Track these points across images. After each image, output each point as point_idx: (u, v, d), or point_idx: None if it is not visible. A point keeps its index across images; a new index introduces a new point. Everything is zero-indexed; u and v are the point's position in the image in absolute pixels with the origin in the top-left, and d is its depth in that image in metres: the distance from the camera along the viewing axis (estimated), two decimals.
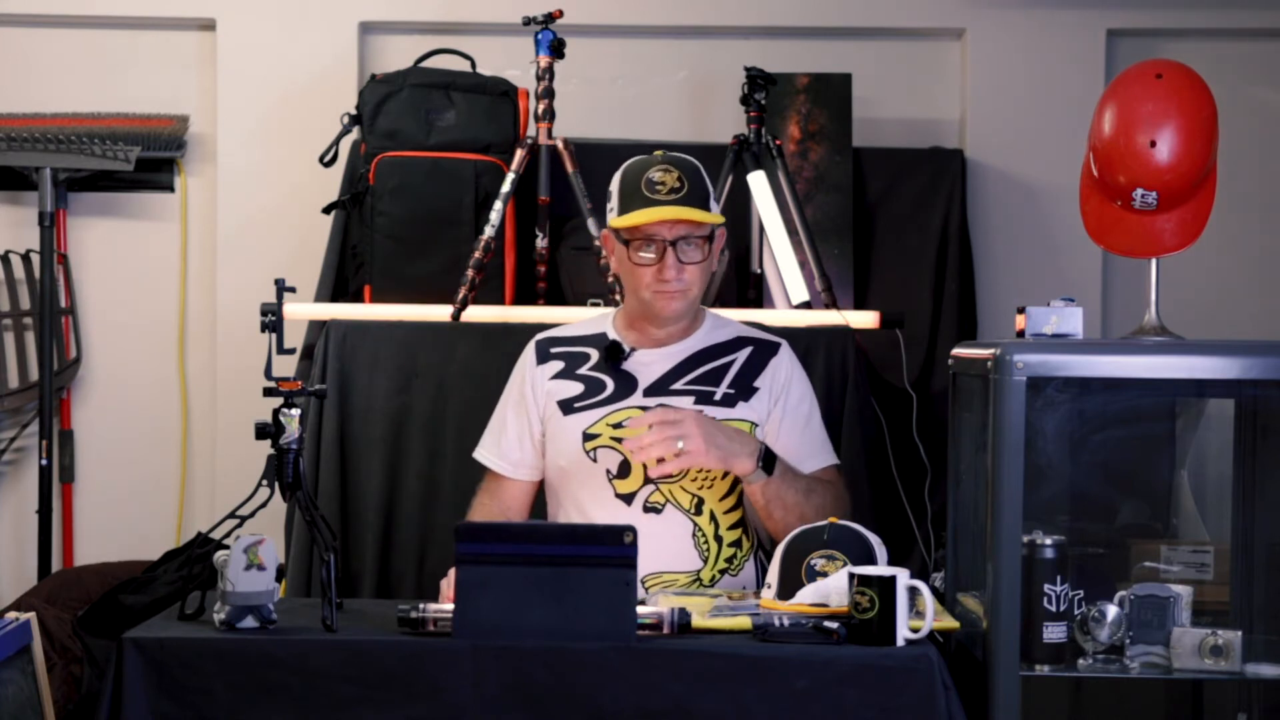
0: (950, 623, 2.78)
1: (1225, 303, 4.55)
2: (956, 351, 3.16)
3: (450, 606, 2.66)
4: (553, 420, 3.17)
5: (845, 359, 3.88)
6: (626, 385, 3.16)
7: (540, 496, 3.28)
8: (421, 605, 2.70)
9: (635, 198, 3.09)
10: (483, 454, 3.26)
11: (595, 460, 3.11)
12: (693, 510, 3.10)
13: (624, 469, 3.10)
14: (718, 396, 3.15)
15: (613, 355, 3.17)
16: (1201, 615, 2.88)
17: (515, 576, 2.61)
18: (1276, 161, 4.62)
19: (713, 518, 3.11)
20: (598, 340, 3.22)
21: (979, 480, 2.95)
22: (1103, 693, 3.20)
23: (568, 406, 3.16)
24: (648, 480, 3.09)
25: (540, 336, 3.28)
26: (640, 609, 2.65)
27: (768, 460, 3.03)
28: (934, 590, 2.81)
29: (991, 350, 2.84)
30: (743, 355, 3.21)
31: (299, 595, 3.72)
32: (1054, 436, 3.03)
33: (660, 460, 2.96)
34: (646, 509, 3.09)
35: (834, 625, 2.65)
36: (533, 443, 3.21)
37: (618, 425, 3.11)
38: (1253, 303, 4.58)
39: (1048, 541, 2.81)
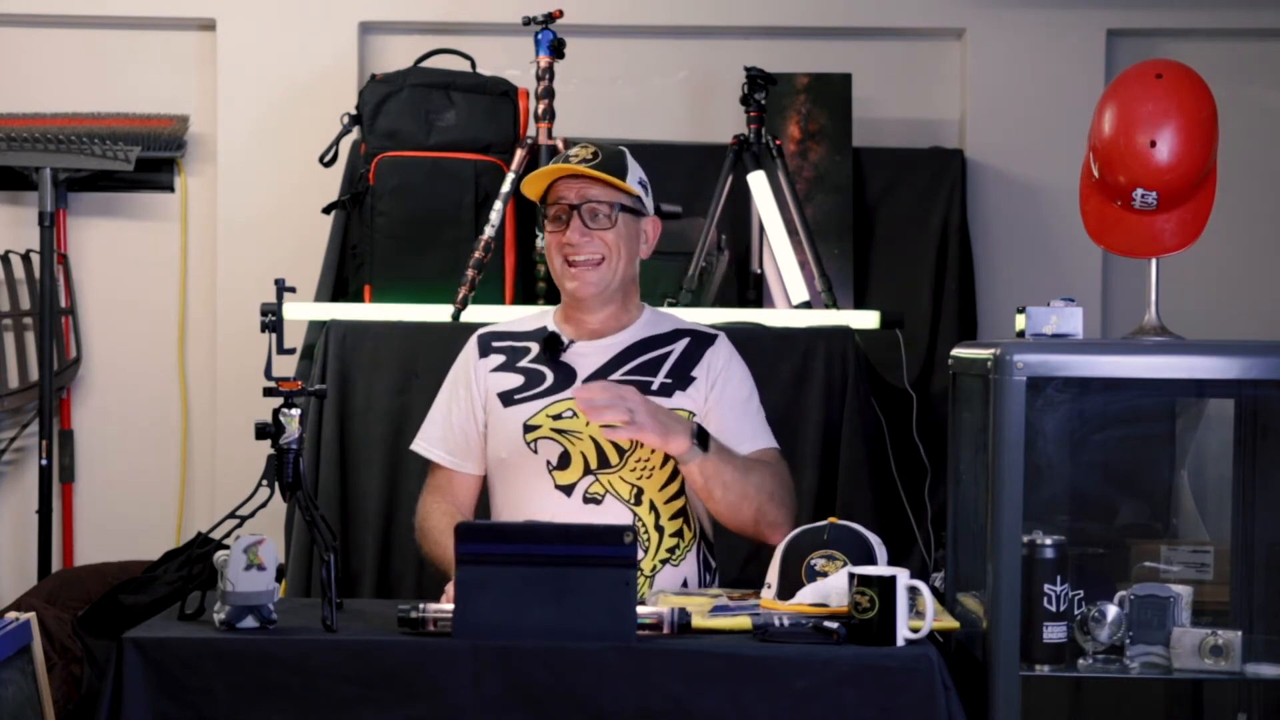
0: (950, 623, 2.78)
1: (1225, 303, 4.56)
2: (956, 351, 3.17)
3: (450, 606, 2.66)
4: (494, 412, 3.17)
5: (845, 359, 3.88)
6: (565, 377, 3.16)
7: (483, 494, 3.26)
8: (421, 605, 2.70)
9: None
10: (428, 448, 3.24)
11: (536, 451, 3.11)
12: (632, 501, 3.09)
13: (564, 460, 3.10)
14: (655, 386, 3.14)
15: (550, 346, 3.18)
16: (1201, 615, 2.88)
17: (515, 576, 2.61)
18: (1276, 161, 4.63)
19: (653, 507, 3.10)
20: (538, 334, 3.22)
21: (979, 480, 2.95)
22: (1103, 693, 3.20)
23: (508, 398, 3.16)
24: (588, 471, 3.09)
25: (482, 331, 3.28)
26: (640, 609, 2.65)
27: (702, 439, 3.02)
28: (934, 590, 2.81)
29: (991, 350, 2.84)
30: (680, 346, 3.21)
31: (299, 595, 3.72)
32: (1054, 436, 3.03)
33: (612, 427, 2.94)
34: (586, 500, 3.08)
35: (834, 625, 2.65)
36: (479, 435, 3.20)
37: (558, 417, 3.12)
38: (1253, 303, 4.58)
39: (1048, 541, 2.81)
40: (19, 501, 4.65)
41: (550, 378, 3.16)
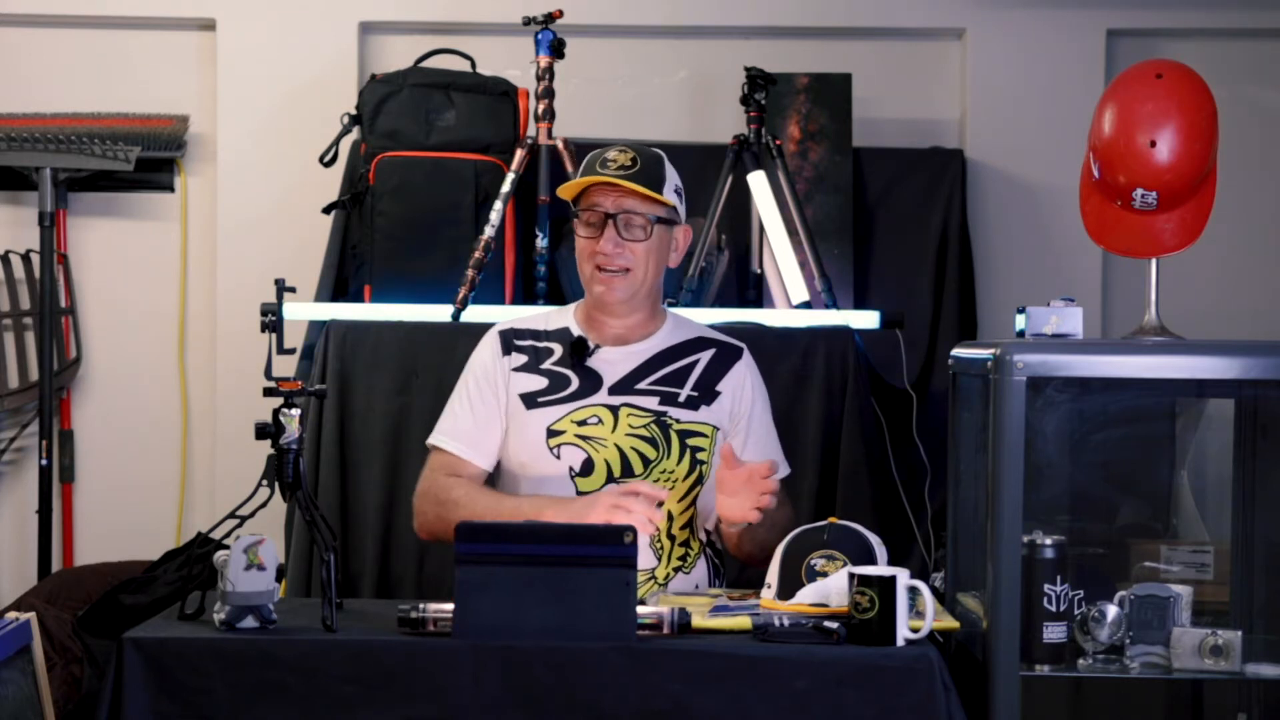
0: (950, 623, 2.78)
1: (1225, 303, 4.56)
2: (956, 351, 3.17)
3: (450, 606, 2.66)
4: (515, 414, 3.15)
5: (845, 359, 3.88)
6: (591, 383, 3.15)
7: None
8: (421, 605, 2.69)
9: (587, 172, 3.13)
10: (442, 440, 3.19)
11: (559, 457, 3.10)
12: None
13: (587, 467, 3.09)
14: (681, 399, 3.15)
15: (578, 351, 3.16)
16: (1201, 615, 2.88)
17: (515, 576, 2.61)
18: (1276, 161, 4.63)
19: (669, 517, 3.10)
20: (561, 335, 3.20)
21: (979, 480, 2.95)
22: (1103, 693, 3.20)
23: (531, 401, 3.14)
24: (610, 479, 3.08)
25: (502, 327, 3.25)
26: (640, 609, 2.65)
27: None
28: (934, 590, 2.81)
29: (991, 350, 2.84)
30: (705, 357, 3.21)
31: (299, 595, 3.71)
32: (1054, 436, 3.03)
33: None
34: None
35: (834, 625, 2.65)
36: (500, 429, 3.17)
37: (582, 423, 3.11)
38: (1253, 303, 4.58)
39: (1048, 541, 2.81)
40: (19, 501, 4.65)
41: (575, 382, 3.15)
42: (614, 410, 3.12)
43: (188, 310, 4.68)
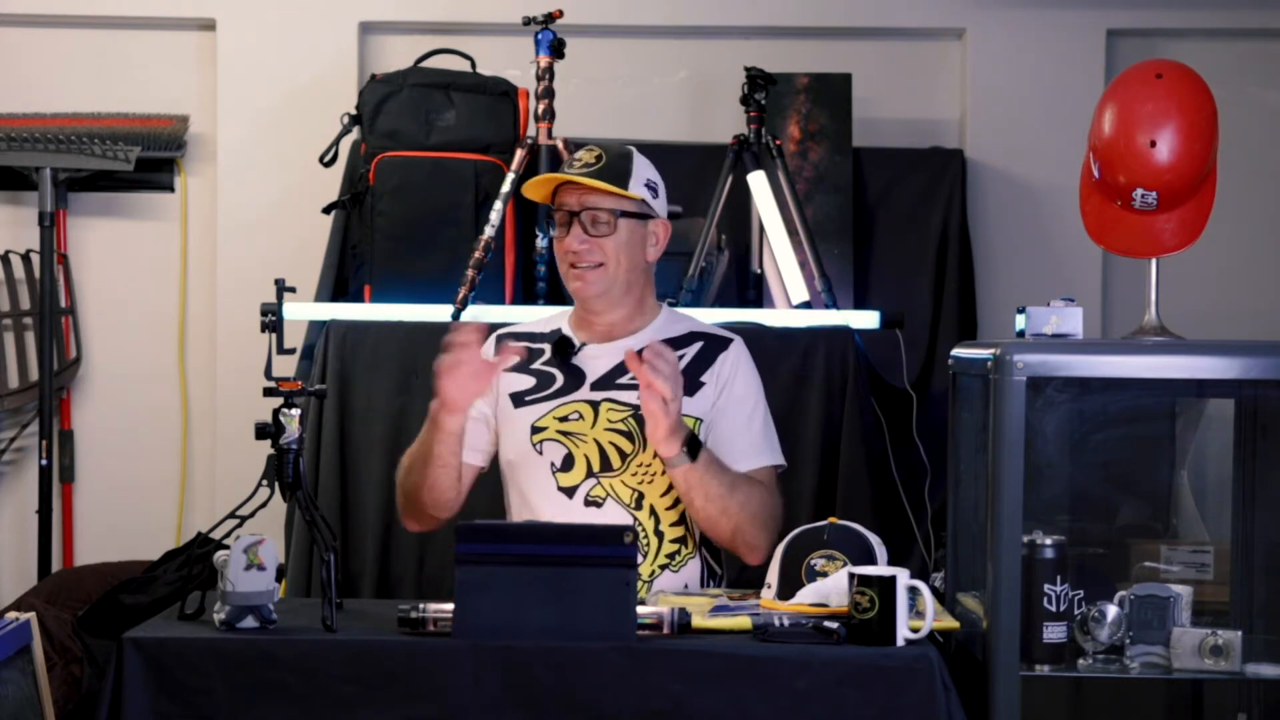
0: (950, 623, 2.78)
1: (1225, 303, 4.56)
2: (956, 351, 3.17)
3: (450, 606, 2.66)
4: (504, 411, 3.19)
5: (845, 359, 3.88)
6: (575, 379, 3.17)
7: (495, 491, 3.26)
8: (421, 605, 2.69)
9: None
10: None
11: (541, 453, 3.12)
12: (633, 505, 3.09)
13: (568, 462, 3.11)
14: None
15: (561, 349, 3.19)
16: (1201, 615, 2.88)
17: (515, 576, 2.61)
18: (1276, 161, 4.63)
19: (653, 513, 3.10)
20: (553, 336, 3.24)
21: (979, 480, 2.95)
22: (1103, 693, 3.20)
23: (519, 399, 3.18)
24: (590, 474, 3.09)
25: (501, 331, 3.30)
26: (640, 609, 2.65)
27: (693, 448, 3.01)
28: (934, 590, 2.81)
29: (991, 350, 2.84)
30: (692, 350, 3.21)
31: (299, 595, 3.72)
32: (1054, 436, 3.03)
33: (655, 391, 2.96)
34: (588, 503, 3.09)
35: (834, 625, 2.65)
36: (489, 428, 3.21)
37: (564, 419, 3.13)
38: (1253, 303, 4.58)
39: (1048, 541, 2.81)
40: (19, 501, 4.65)
41: (560, 380, 3.17)
42: (595, 405, 3.13)
43: (188, 310, 4.68)
